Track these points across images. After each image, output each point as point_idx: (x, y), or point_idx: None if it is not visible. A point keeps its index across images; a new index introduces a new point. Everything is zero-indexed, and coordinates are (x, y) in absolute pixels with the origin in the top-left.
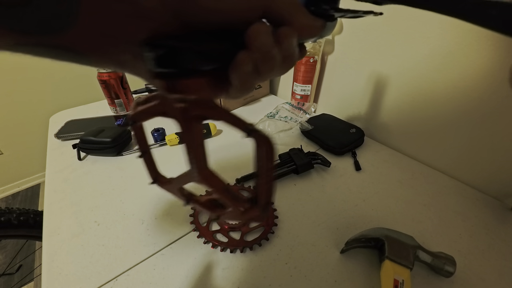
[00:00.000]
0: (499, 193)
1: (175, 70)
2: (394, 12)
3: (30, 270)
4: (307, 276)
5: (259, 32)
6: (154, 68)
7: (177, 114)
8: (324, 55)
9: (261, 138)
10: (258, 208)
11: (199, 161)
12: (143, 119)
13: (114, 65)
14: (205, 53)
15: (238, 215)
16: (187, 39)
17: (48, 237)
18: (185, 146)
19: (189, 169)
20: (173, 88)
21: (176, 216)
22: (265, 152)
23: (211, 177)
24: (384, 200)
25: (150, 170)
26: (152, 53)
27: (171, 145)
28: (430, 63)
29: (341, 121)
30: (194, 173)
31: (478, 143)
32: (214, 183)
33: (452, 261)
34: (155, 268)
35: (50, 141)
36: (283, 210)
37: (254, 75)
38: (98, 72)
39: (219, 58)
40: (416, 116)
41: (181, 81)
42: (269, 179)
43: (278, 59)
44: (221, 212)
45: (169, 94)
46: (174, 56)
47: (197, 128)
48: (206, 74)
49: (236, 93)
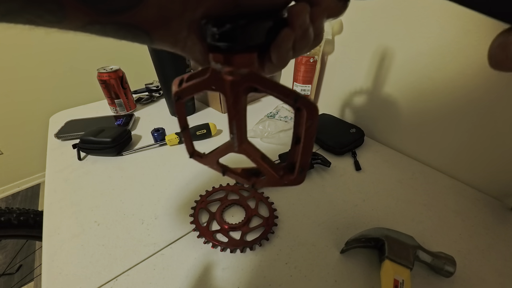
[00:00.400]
0: (499, 193)
1: (234, 45)
2: (394, 12)
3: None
4: (307, 276)
5: (302, 11)
6: (216, 42)
7: (228, 87)
8: (324, 55)
9: (309, 104)
10: (296, 172)
11: (242, 133)
12: (188, 95)
13: (171, 43)
14: (258, 30)
15: (274, 181)
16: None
17: (48, 237)
18: (231, 118)
19: (228, 141)
20: (229, 61)
21: (176, 216)
22: (311, 118)
23: (250, 147)
24: (384, 200)
25: (188, 145)
26: (217, 28)
27: (171, 145)
28: (430, 63)
29: (341, 121)
30: (235, 143)
31: (478, 143)
32: (252, 152)
33: (452, 261)
34: (155, 268)
35: (50, 141)
36: (283, 210)
37: (290, 52)
38: (98, 72)
39: (267, 35)
40: (416, 116)
41: (238, 55)
42: (310, 145)
43: (311, 37)
44: (256, 180)
45: (224, 68)
46: (236, 31)
47: (244, 100)
48: (255, 50)
49: (272, 69)
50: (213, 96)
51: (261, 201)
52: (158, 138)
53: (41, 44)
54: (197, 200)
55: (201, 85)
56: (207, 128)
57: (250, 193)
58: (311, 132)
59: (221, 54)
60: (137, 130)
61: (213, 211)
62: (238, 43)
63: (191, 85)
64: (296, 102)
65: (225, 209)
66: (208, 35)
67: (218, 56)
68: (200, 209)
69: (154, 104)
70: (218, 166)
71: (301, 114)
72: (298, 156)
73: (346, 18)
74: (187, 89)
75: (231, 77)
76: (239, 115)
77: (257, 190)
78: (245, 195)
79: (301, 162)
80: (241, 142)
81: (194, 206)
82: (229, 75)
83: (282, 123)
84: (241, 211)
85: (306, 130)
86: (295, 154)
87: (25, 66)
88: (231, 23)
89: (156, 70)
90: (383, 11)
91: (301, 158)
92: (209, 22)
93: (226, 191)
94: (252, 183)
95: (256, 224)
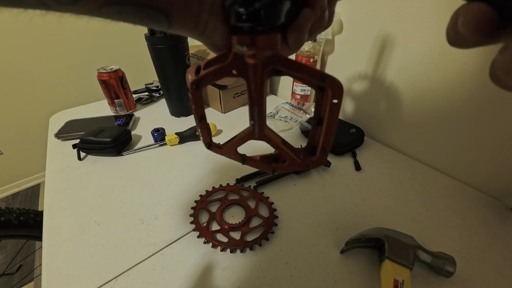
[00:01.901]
0: (499, 193)
1: (260, 25)
2: (394, 12)
3: (30, 270)
4: (307, 276)
5: None
6: (242, 23)
7: (252, 70)
8: (324, 55)
9: (335, 83)
10: (318, 153)
11: (263, 117)
12: (207, 83)
13: (191, 27)
14: (283, 9)
15: (296, 165)
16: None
17: (48, 237)
18: (252, 104)
19: (247, 129)
20: (254, 42)
21: (176, 216)
22: (337, 96)
23: (270, 132)
24: (384, 200)
25: (205, 136)
26: (245, 8)
27: (171, 145)
28: (430, 63)
29: (341, 121)
30: (256, 130)
31: (478, 143)
32: (274, 138)
33: (452, 261)
34: (155, 268)
35: (50, 141)
36: (283, 210)
37: (307, 34)
38: (98, 72)
39: (289, 15)
40: (416, 116)
41: (263, 36)
42: (334, 124)
43: (327, 18)
44: (277, 165)
45: (248, 51)
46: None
47: (266, 84)
48: (279, 31)
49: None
50: (213, 96)
51: (261, 201)
52: (158, 138)
53: (41, 44)
54: (197, 200)
55: (222, 70)
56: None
57: (250, 193)
58: (336, 111)
59: (247, 36)
60: (137, 130)
61: (213, 211)
62: (264, 23)
63: (211, 72)
64: (323, 81)
65: (225, 209)
66: (232, 16)
67: (243, 38)
68: (200, 209)
69: (154, 104)
70: (237, 155)
71: (324, 94)
72: (321, 136)
73: (346, 18)
74: (206, 76)
75: (255, 60)
76: (261, 100)
77: (257, 190)
78: (245, 195)
79: (324, 142)
80: (263, 128)
81: (194, 206)
82: (252, 58)
83: (282, 123)
84: (241, 211)
85: (331, 109)
86: (316, 136)
87: (25, 66)
88: (259, 1)
89: (156, 70)
90: (383, 11)
91: (324, 138)
92: (236, 1)
93: (226, 191)
94: (273, 169)
95: (256, 224)
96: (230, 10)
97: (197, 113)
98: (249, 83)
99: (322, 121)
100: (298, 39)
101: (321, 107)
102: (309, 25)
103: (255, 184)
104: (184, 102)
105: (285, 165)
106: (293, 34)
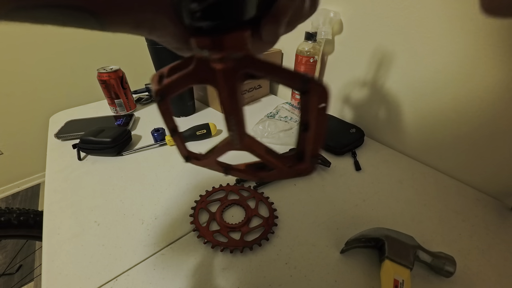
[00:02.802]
0: (499, 193)
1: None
2: (394, 12)
3: (30, 270)
4: (307, 276)
5: None
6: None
7: (220, 77)
8: (324, 55)
9: (319, 86)
10: (307, 161)
11: (241, 127)
12: (173, 92)
13: (130, 27)
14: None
15: (285, 173)
16: None
17: (48, 237)
18: (227, 113)
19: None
20: (218, 44)
21: (176, 216)
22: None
23: (252, 142)
24: (384, 200)
25: (181, 148)
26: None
27: (171, 145)
28: (430, 63)
29: (341, 121)
30: (235, 140)
31: (478, 143)
32: (256, 147)
33: (452, 261)
34: (155, 268)
35: (50, 141)
36: (283, 210)
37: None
38: (98, 72)
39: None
40: (416, 116)
41: (228, 35)
42: (322, 130)
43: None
44: (265, 174)
45: (212, 54)
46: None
47: (240, 90)
48: (248, 27)
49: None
50: (213, 95)
51: (261, 201)
52: (158, 138)
53: (41, 44)
54: (197, 200)
55: (186, 78)
56: (207, 128)
57: (250, 193)
58: (324, 116)
59: (206, 37)
60: (137, 130)
61: (213, 211)
62: (227, 19)
63: (174, 80)
64: (305, 84)
65: (225, 209)
66: (185, 13)
67: (203, 40)
68: (200, 209)
69: (154, 104)
70: (218, 166)
71: (308, 98)
72: (309, 143)
73: (346, 18)
74: (170, 86)
75: (223, 65)
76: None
77: (257, 190)
78: (245, 195)
79: (313, 150)
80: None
81: (194, 206)
82: (219, 62)
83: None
84: (241, 211)
85: (318, 114)
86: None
87: (25, 66)
88: None
89: (156, 70)
90: (383, 11)
91: (314, 145)
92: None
93: (226, 191)
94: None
95: (256, 224)
96: (180, 7)
97: (167, 125)
98: (220, 91)
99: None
100: (274, 33)
101: (307, 112)
102: (288, 15)
103: (255, 184)
104: (184, 102)
105: (273, 173)
106: (269, 27)
